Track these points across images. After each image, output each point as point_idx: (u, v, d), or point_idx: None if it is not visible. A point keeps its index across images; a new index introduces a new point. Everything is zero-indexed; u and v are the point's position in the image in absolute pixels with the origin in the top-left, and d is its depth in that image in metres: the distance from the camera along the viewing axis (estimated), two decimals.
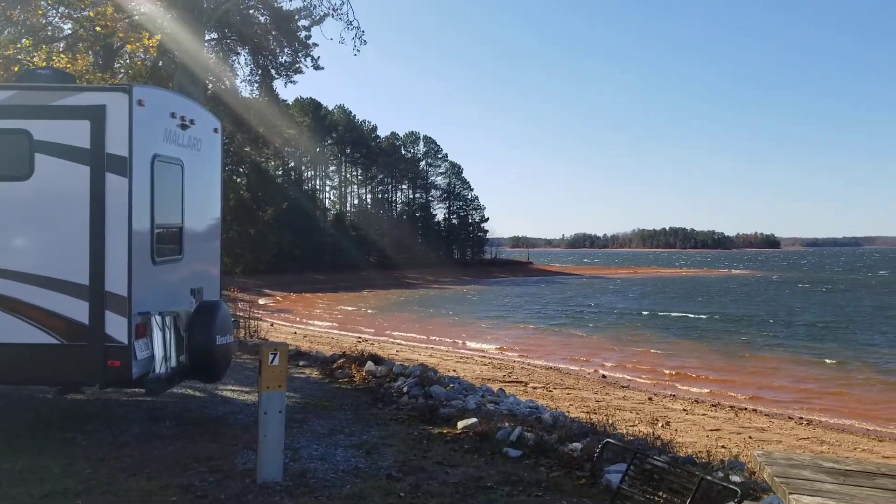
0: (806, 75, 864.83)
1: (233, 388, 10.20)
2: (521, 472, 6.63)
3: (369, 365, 11.87)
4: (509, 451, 7.28)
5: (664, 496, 4.46)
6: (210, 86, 26.33)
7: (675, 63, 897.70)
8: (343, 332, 29.34)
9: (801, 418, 15.69)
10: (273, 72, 26.35)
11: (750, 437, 13.09)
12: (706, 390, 18.59)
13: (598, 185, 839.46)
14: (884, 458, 11.94)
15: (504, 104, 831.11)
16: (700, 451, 8.41)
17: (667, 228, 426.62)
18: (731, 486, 4.37)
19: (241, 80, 27.33)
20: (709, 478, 4.36)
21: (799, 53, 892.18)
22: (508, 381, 17.46)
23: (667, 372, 21.20)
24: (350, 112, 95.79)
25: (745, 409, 16.47)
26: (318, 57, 25.22)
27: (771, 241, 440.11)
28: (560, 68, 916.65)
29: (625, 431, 9.91)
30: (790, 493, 2.97)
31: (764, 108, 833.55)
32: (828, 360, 23.21)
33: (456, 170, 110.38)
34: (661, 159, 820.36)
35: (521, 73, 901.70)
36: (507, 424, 8.04)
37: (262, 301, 25.54)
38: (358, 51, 19.47)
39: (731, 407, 16.60)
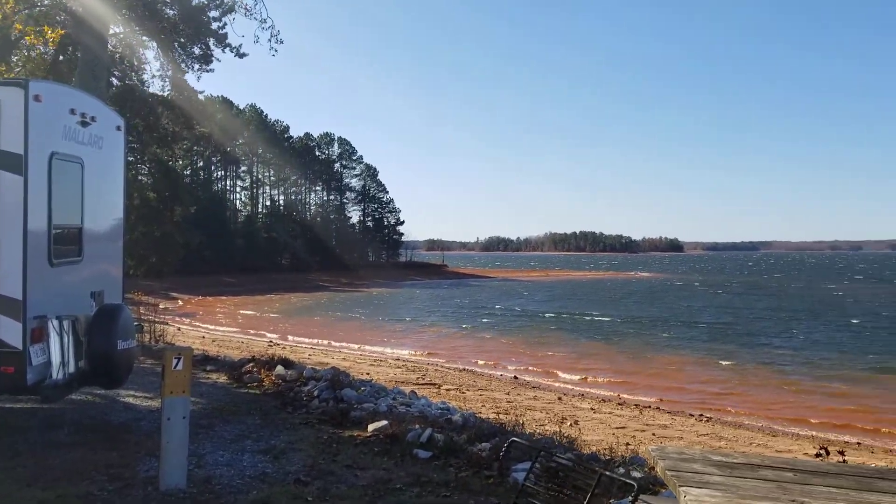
0: (710, 78, 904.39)
1: (135, 394, 9.90)
2: (430, 473, 6.70)
3: (279, 369, 11.71)
4: (419, 452, 7.34)
5: (568, 493, 4.58)
6: (115, 81, 25.39)
7: (587, 67, 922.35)
8: (253, 337, 28.80)
9: (702, 415, 16.37)
10: (183, 65, 25.52)
11: (653, 435, 13.56)
12: (612, 393, 19.08)
13: (511, 188, 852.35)
14: (776, 452, 12.57)
15: (420, 106, 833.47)
16: (604, 448, 8.68)
17: (577, 232, 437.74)
18: (629, 480, 4.54)
19: (150, 75, 26.44)
20: (608, 473, 4.51)
21: (704, 57, 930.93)
22: (422, 384, 17.53)
23: (565, 377, 21.58)
24: (262, 112, 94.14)
25: (649, 407, 17.06)
26: (241, 45, 24.42)
27: (674, 245, 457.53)
28: (474, 72, 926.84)
29: (534, 430, 10.11)
30: (680, 486, 3.12)
31: (668, 111, 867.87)
32: (726, 361, 24.17)
33: (371, 172, 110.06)
34: (572, 164, 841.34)
35: (438, 75, 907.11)
36: (417, 426, 8.09)
37: (162, 305, 24.76)
38: (275, 51, 19.09)
39: (635, 405, 17.16)
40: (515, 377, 20.88)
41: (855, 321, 38.34)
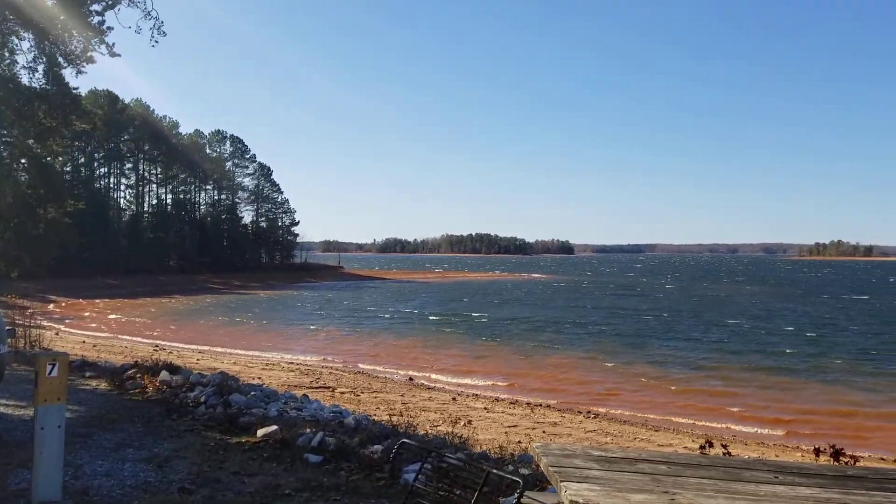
0: (587, 95, 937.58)
1: (7, 402, 9.37)
2: (321, 478, 6.63)
3: (164, 374, 11.32)
4: (310, 456, 7.24)
5: (457, 492, 4.63)
6: None
7: (482, 70, 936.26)
8: (137, 340, 27.67)
9: (590, 412, 16.92)
10: (62, 59, 24.15)
11: (544, 432, 13.92)
12: (507, 396, 19.35)
13: (408, 190, 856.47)
14: (658, 447, 13.16)
15: (313, 108, 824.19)
16: (495, 447, 8.83)
17: (473, 234, 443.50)
18: (514, 478, 4.63)
19: (23, 66, 24.89)
20: (495, 471, 4.59)
21: (588, 73, 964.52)
22: (315, 387, 17.35)
23: (459, 378, 21.81)
24: (149, 106, 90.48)
25: (540, 405, 17.49)
26: (114, 44, 23.23)
27: (566, 248, 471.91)
28: (370, 70, 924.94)
29: (427, 431, 10.18)
30: (562, 481, 3.20)
31: (555, 123, 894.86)
32: (612, 362, 24.96)
33: (265, 171, 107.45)
34: (465, 167, 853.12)
35: (333, 80, 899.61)
36: (309, 430, 7.99)
37: (30, 309, 23.41)
38: (156, 42, 18.35)
39: (527, 404, 17.56)
40: (410, 378, 20.96)
41: (732, 321, 40.50)
